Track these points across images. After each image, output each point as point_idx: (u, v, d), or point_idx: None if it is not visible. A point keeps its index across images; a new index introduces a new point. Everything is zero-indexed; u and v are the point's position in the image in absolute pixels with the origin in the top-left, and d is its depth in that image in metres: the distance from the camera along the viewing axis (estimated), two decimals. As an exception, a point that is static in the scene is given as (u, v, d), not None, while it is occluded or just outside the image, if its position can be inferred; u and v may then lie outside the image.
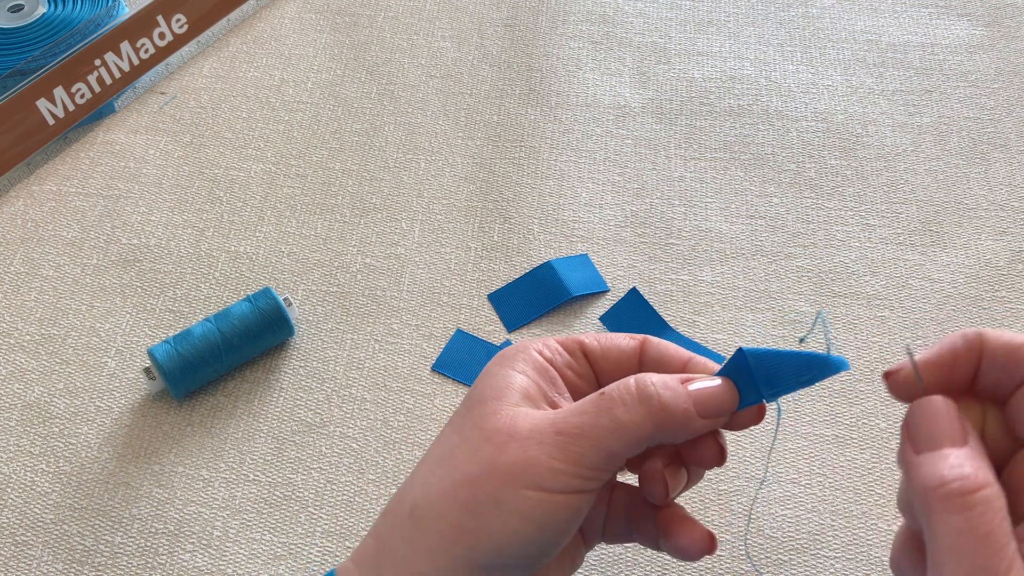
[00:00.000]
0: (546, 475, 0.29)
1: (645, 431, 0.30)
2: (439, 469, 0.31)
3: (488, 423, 0.31)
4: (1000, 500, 0.26)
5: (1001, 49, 0.69)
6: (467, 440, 0.31)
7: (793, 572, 0.45)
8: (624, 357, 0.34)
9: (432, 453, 0.33)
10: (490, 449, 0.30)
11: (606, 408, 0.30)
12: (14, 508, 0.48)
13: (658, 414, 0.30)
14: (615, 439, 0.30)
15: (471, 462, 0.30)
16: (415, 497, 0.31)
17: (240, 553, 0.46)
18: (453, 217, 0.60)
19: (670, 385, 0.30)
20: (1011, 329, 0.54)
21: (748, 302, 0.55)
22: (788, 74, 0.68)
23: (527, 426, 0.30)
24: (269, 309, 0.52)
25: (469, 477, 0.30)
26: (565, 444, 0.29)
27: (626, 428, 0.30)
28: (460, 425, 0.32)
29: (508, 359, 0.33)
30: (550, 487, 0.29)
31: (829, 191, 0.61)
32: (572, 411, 0.30)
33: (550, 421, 0.30)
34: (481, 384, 0.33)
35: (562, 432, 0.30)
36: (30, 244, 0.58)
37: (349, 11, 0.73)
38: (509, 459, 0.29)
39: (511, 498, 0.29)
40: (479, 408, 0.32)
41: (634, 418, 0.30)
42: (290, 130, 0.65)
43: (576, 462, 0.29)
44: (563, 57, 0.69)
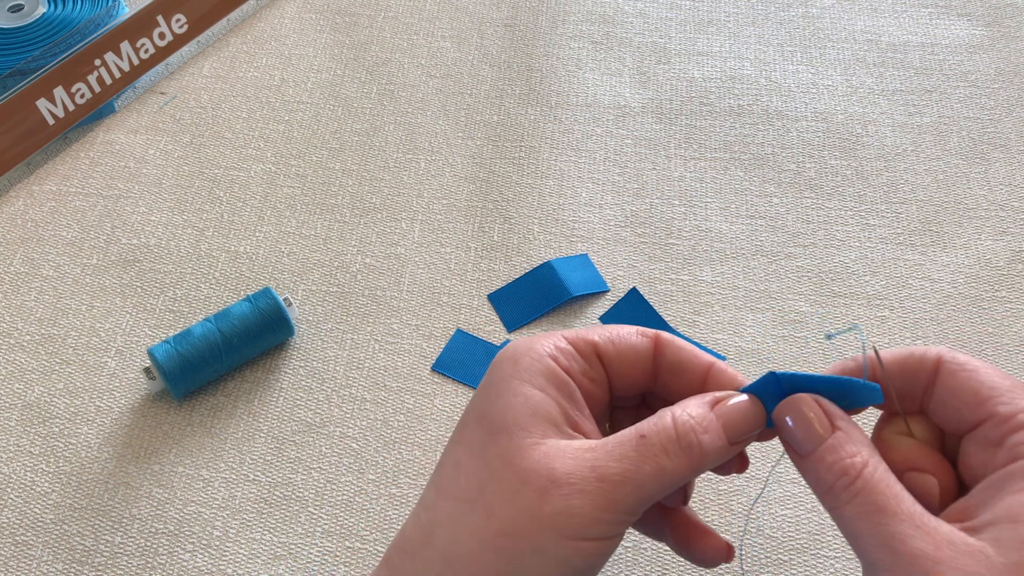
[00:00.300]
0: (589, 526, 0.29)
1: (685, 474, 0.30)
2: (472, 513, 0.30)
3: (521, 461, 0.30)
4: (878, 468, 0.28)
5: (1001, 49, 0.69)
6: (499, 479, 0.30)
7: (793, 572, 0.45)
8: (640, 359, 0.33)
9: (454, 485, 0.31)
10: (530, 496, 0.29)
11: (650, 456, 0.29)
12: (14, 508, 0.48)
13: (699, 460, 0.30)
14: (657, 486, 0.29)
15: (509, 508, 0.29)
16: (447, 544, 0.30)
17: (240, 553, 0.46)
18: (453, 217, 0.60)
19: (707, 426, 0.30)
20: (1011, 329, 0.54)
21: (748, 302, 0.55)
22: (788, 74, 0.68)
23: (565, 469, 0.29)
24: (269, 309, 0.52)
25: (508, 527, 0.29)
26: (608, 492, 0.29)
27: (669, 475, 0.29)
28: (485, 455, 0.31)
29: (524, 370, 0.32)
30: (591, 535, 0.29)
31: (829, 191, 0.61)
32: (611, 454, 0.30)
33: (589, 466, 0.29)
34: (497, 404, 0.31)
35: (604, 479, 0.29)
36: (30, 244, 0.58)
37: (349, 11, 0.73)
38: (552, 508, 0.29)
39: (553, 548, 0.29)
40: (505, 440, 0.30)
41: (677, 466, 0.29)
42: (290, 130, 0.65)
43: (618, 510, 0.29)
44: (563, 57, 0.69)
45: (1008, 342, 0.53)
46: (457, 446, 0.32)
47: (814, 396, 0.30)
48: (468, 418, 0.32)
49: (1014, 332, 0.54)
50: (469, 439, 0.31)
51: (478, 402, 0.32)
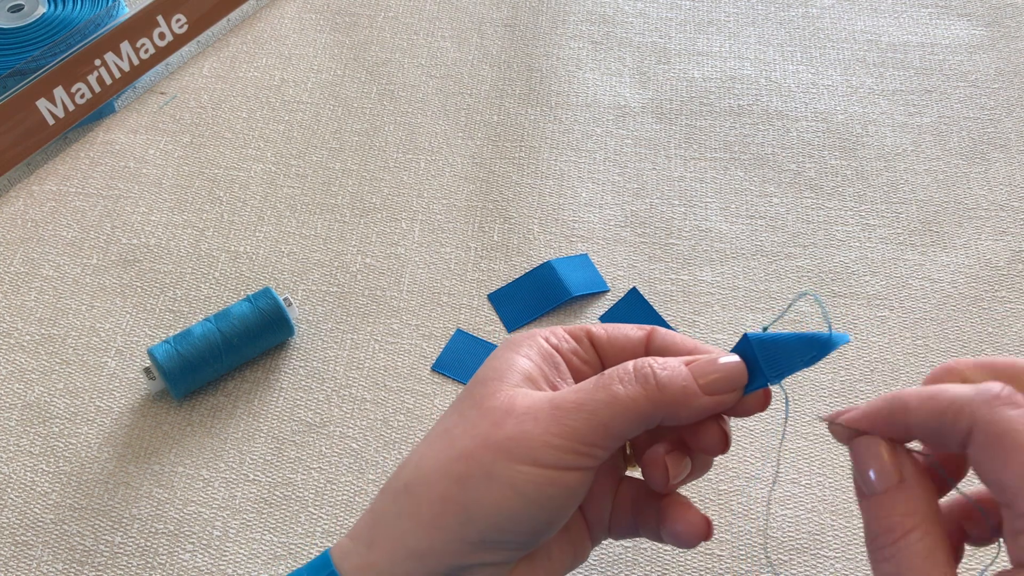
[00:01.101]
0: (540, 448, 0.29)
1: (642, 407, 0.30)
2: (436, 445, 0.32)
3: (487, 402, 0.31)
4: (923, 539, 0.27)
5: (1001, 49, 0.69)
6: (465, 418, 0.31)
7: (793, 572, 0.45)
8: (631, 345, 0.34)
9: (431, 432, 0.33)
10: (486, 425, 0.30)
11: (604, 384, 0.30)
12: (14, 508, 0.48)
13: (655, 392, 0.30)
14: (611, 413, 0.30)
15: (466, 437, 0.30)
16: (410, 472, 0.32)
17: (240, 553, 0.46)
18: (453, 217, 0.60)
19: (668, 364, 0.31)
20: (1011, 329, 0.54)
21: (748, 302, 0.55)
22: (788, 74, 0.68)
23: (525, 404, 0.30)
24: (269, 309, 0.52)
25: (464, 452, 0.30)
26: (560, 417, 0.30)
27: (622, 402, 0.30)
28: (460, 405, 0.33)
29: (514, 344, 0.34)
30: (543, 461, 0.29)
31: (829, 191, 0.61)
32: (571, 389, 0.31)
33: (547, 398, 0.30)
34: (485, 366, 0.33)
35: (558, 407, 0.30)
36: (30, 244, 0.58)
37: (349, 11, 0.73)
38: (504, 433, 0.30)
39: (503, 471, 0.29)
40: (479, 388, 0.32)
41: (631, 393, 0.30)
42: (290, 130, 0.65)
43: (571, 436, 0.29)
44: (563, 57, 0.69)
45: (1008, 342, 0.53)
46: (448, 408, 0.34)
47: (891, 441, 0.29)
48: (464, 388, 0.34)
49: (1014, 332, 0.54)
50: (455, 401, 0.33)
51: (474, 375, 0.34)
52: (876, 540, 0.28)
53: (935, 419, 0.27)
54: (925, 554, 0.27)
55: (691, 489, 0.48)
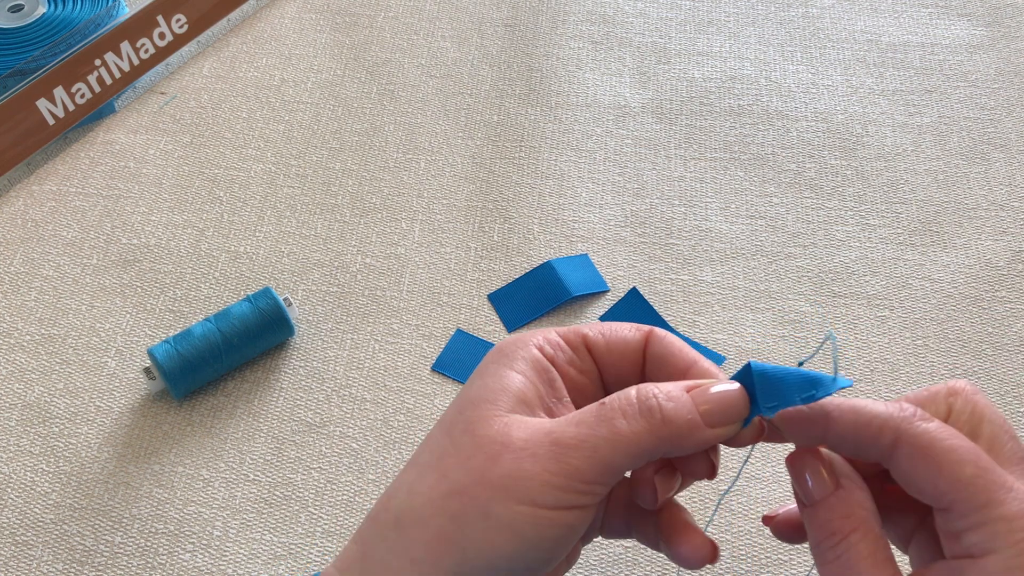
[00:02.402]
0: (539, 489, 0.28)
1: (646, 444, 0.28)
2: (427, 475, 0.30)
3: (480, 429, 0.29)
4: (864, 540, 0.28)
5: (1001, 49, 0.69)
6: (457, 446, 0.30)
7: (793, 572, 0.45)
8: (629, 350, 0.33)
9: (420, 456, 0.31)
10: (481, 458, 0.29)
11: (606, 418, 0.28)
12: (14, 508, 0.48)
13: (660, 427, 0.29)
14: (613, 451, 0.28)
15: (461, 470, 0.29)
16: (401, 504, 0.30)
17: (240, 553, 0.46)
18: (453, 217, 0.60)
19: (673, 395, 0.29)
20: (1011, 329, 0.54)
21: (748, 302, 0.55)
22: (788, 74, 0.68)
23: (522, 436, 0.29)
24: (269, 309, 0.52)
25: (458, 487, 0.29)
26: (560, 455, 0.28)
27: (626, 440, 0.28)
28: (450, 428, 0.31)
29: (506, 356, 0.32)
30: (543, 502, 0.28)
31: (829, 191, 0.61)
32: (570, 421, 0.29)
33: (546, 431, 0.29)
34: (476, 383, 0.31)
35: (558, 443, 0.28)
36: (30, 244, 0.58)
37: (349, 11, 0.73)
38: (501, 470, 0.28)
39: (501, 512, 0.28)
40: (471, 411, 0.30)
41: (635, 429, 0.28)
42: (290, 130, 0.65)
43: (571, 475, 0.28)
44: (563, 57, 0.69)
45: (1008, 342, 0.53)
46: (435, 426, 0.32)
47: (824, 452, 0.30)
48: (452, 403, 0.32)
49: (1014, 332, 0.54)
50: (444, 418, 0.32)
51: (463, 388, 0.32)
52: (820, 546, 0.29)
53: (859, 431, 0.28)
54: (867, 553, 0.28)
55: (691, 489, 0.48)
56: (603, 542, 0.46)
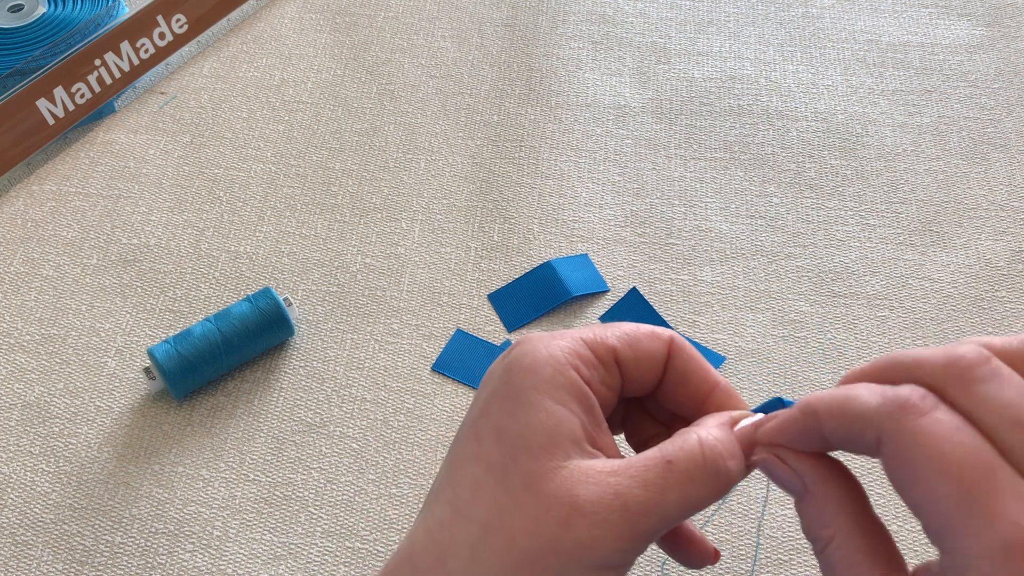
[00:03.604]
0: (611, 555, 0.28)
1: (710, 502, 0.29)
2: (492, 539, 0.29)
3: (543, 487, 0.29)
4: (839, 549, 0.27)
5: (1001, 49, 0.69)
6: (520, 505, 0.29)
7: (793, 572, 0.45)
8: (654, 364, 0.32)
9: (474, 509, 0.30)
10: (552, 525, 0.28)
11: (676, 484, 0.28)
12: (14, 508, 0.48)
13: (725, 487, 0.29)
14: (681, 513, 0.28)
15: (530, 537, 0.28)
16: (463, 569, 0.29)
17: (240, 553, 0.46)
18: (453, 217, 0.60)
19: (735, 453, 0.29)
20: (1011, 329, 0.54)
21: (748, 302, 0.55)
22: (788, 74, 0.68)
23: (588, 497, 0.28)
24: (269, 309, 0.52)
25: (529, 556, 0.28)
26: (631, 522, 0.28)
27: (694, 502, 0.29)
28: (505, 478, 0.29)
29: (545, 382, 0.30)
30: (612, 564, 0.28)
31: (829, 191, 0.61)
32: (636, 480, 0.28)
33: (613, 492, 0.28)
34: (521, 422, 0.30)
35: (628, 508, 0.28)
36: (30, 244, 0.58)
37: (349, 11, 0.73)
38: (574, 539, 0.28)
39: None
40: (527, 463, 0.29)
41: (703, 493, 0.29)
42: (290, 130, 0.65)
43: (639, 539, 0.28)
44: (563, 57, 0.69)
45: (1008, 342, 0.53)
46: (474, 463, 0.30)
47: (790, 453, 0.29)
48: (484, 432, 0.30)
49: (1014, 332, 0.54)
50: (488, 457, 0.30)
51: (495, 415, 0.30)
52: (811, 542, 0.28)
53: (844, 429, 0.26)
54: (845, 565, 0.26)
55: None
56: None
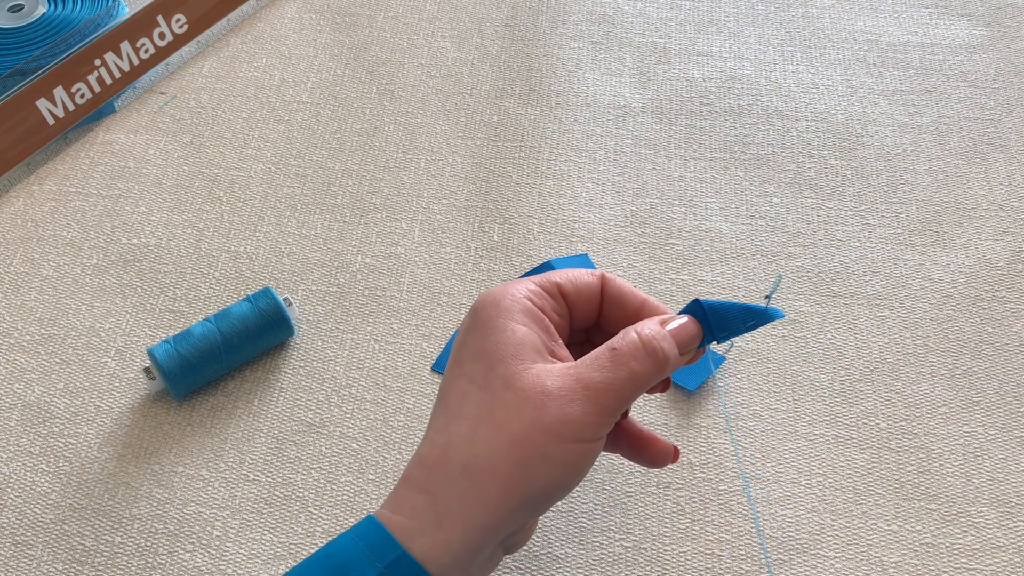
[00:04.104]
0: (584, 428, 0.34)
1: (652, 379, 0.35)
2: (483, 428, 0.34)
3: (518, 383, 0.35)
4: None
5: (1001, 49, 0.69)
6: (503, 400, 0.34)
7: (793, 572, 0.45)
8: (592, 294, 0.39)
9: (465, 410, 0.35)
10: (530, 409, 0.34)
11: (623, 363, 0.35)
12: (14, 508, 0.48)
13: (663, 363, 0.35)
14: (632, 388, 0.35)
15: (515, 421, 0.34)
16: (465, 454, 0.34)
17: (240, 553, 0.46)
18: (453, 217, 0.60)
19: (665, 336, 0.36)
20: (1011, 329, 0.54)
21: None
22: (788, 74, 0.68)
23: (556, 384, 0.34)
24: (269, 309, 0.52)
25: (518, 436, 0.34)
26: (594, 398, 0.34)
27: (640, 378, 0.35)
28: (487, 383, 0.35)
29: (506, 310, 0.36)
30: (586, 437, 0.34)
31: (829, 191, 0.61)
32: (591, 366, 0.35)
33: (574, 377, 0.35)
34: (492, 340, 0.36)
35: (589, 387, 0.34)
36: (30, 244, 0.58)
37: (349, 11, 0.73)
38: (551, 417, 0.34)
39: (557, 451, 0.34)
40: (503, 368, 0.35)
41: (646, 368, 0.35)
42: (290, 130, 0.65)
43: (604, 413, 0.34)
44: (563, 57, 0.69)
45: (1008, 342, 0.53)
46: (459, 378, 0.36)
47: None
48: (463, 354, 0.37)
49: (1014, 332, 0.54)
50: (470, 372, 0.36)
51: (470, 340, 0.37)
52: None
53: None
54: None
55: (691, 489, 0.48)
56: (604, 542, 0.46)
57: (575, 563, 0.46)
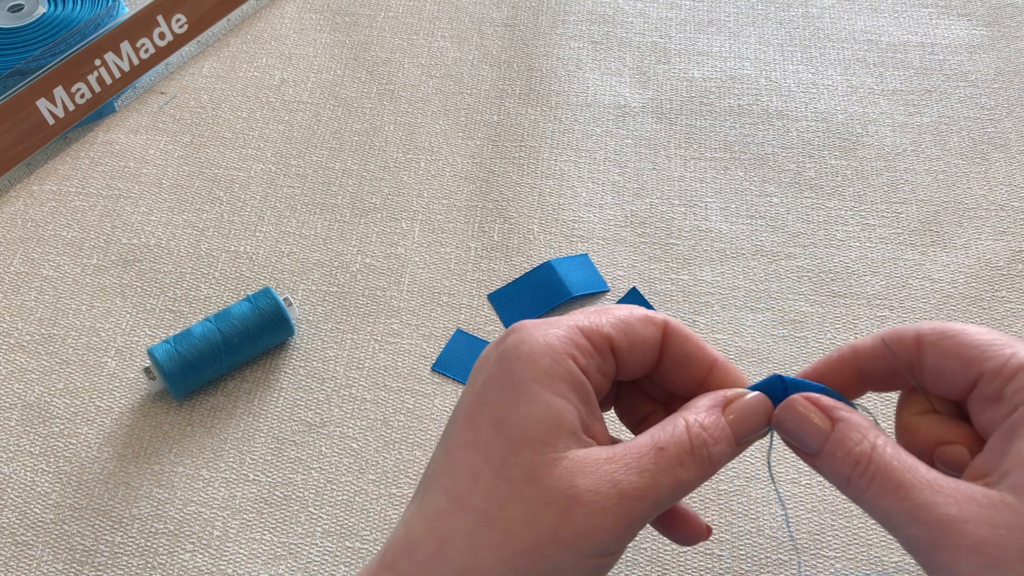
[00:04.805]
0: (608, 543, 0.29)
1: (697, 484, 0.30)
2: (491, 530, 0.29)
3: (543, 479, 0.29)
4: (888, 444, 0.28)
5: (1001, 49, 0.69)
6: (521, 497, 0.29)
7: (793, 572, 0.45)
8: (649, 350, 0.33)
9: (473, 498, 0.30)
10: (552, 516, 0.29)
11: (667, 469, 0.29)
12: (14, 508, 0.48)
13: (710, 469, 0.30)
14: (672, 497, 0.30)
15: (530, 529, 0.29)
16: (463, 560, 0.29)
17: (240, 553, 0.46)
18: (453, 217, 0.60)
19: (718, 436, 0.30)
20: (1011, 329, 0.54)
21: (748, 302, 0.55)
22: (788, 74, 0.68)
23: (588, 487, 0.29)
24: (269, 309, 0.52)
25: (529, 548, 0.29)
26: (628, 509, 0.29)
27: (684, 486, 0.30)
28: (505, 469, 0.29)
29: (543, 373, 0.30)
30: (609, 551, 0.29)
31: (829, 191, 0.61)
32: (631, 467, 0.29)
33: (610, 480, 0.29)
34: (520, 413, 0.30)
35: (624, 496, 0.29)
36: (30, 244, 0.58)
37: (349, 11, 0.73)
38: (573, 530, 0.28)
39: (571, 565, 0.29)
40: (528, 455, 0.29)
41: (691, 476, 0.30)
42: (290, 130, 0.65)
43: (634, 524, 0.29)
44: (563, 57, 0.69)
45: (1008, 342, 0.53)
46: (471, 452, 0.30)
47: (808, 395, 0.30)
48: (481, 420, 0.31)
49: (1014, 332, 0.54)
50: (486, 447, 0.30)
51: (492, 404, 0.31)
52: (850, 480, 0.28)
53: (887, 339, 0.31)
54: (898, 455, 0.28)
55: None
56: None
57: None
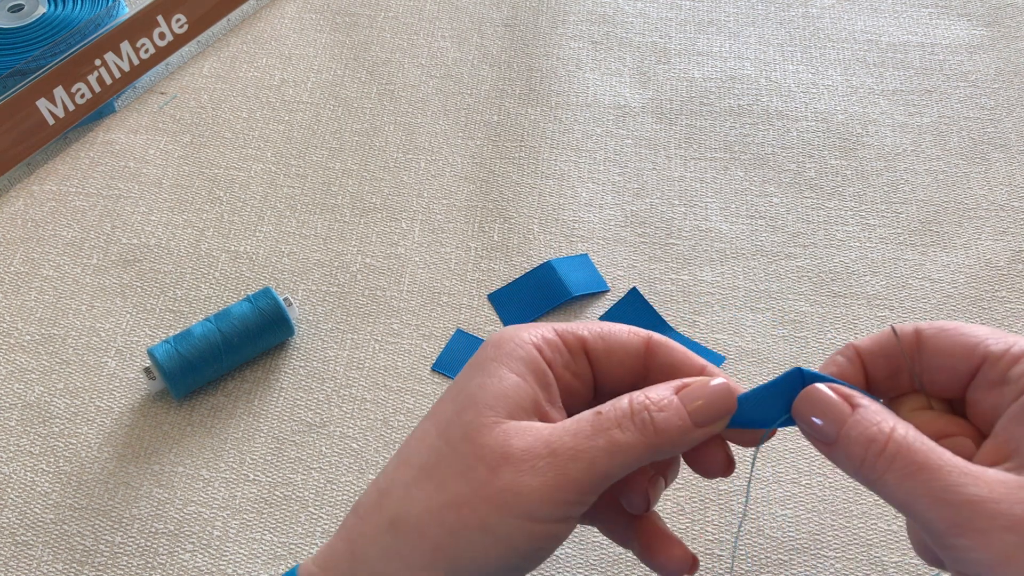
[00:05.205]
0: (537, 503, 0.28)
1: (640, 452, 0.29)
2: (424, 482, 0.30)
3: (479, 437, 0.29)
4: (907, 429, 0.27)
5: (1001, 49, 0.69)
6: (456, 453, 0.30)
7: (793, 572, 0.45)
8: (628, 358, 0.32)
9: (413, 455, 0.31)
10: (482, 470, 0.29)
11: (603, 429, 0.29)
12: (14, 508, 0.48)
13: (653, 437, 0.29)
14: (610, 461, 0.29)
15: (461, 481, 0.29)
16: (396, 508, 0.30)
17: (240, 553, 0.46)
18: (453, 217, 0.60)
19: (663, 404, 0.29)
20: (1011, 329, 0.54)
21: (748, 302, 0.55)
22: (788, 74, 0.68)
23: (521, 446, 0.29)
24: (269, 309, 0.52)
25: (457, 499, 0.29)
26: (559, 467, 0.28)
27: (622, 450, 0.29)
28: (447, 429, 0.31)
29: (505, 353, 0.31)
30: (539, 516, 0.28)
31: (829, 191, 0.61)
32: (567, 430, 0.29)
33: (544, 441, 0.29)
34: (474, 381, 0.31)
35: (556, 453, 0.28)
36: (30, 244, 0.58)
37: (349, 11, 0.73)
38: (501, 484, 0.28)
39: (498, 525, 0.28)
40: (470, 414, 0.30)
41: (630, 440, 0.29)
42: (290, 130, 0.65)
43: (569, 488, 0.28)
44: (563, 57, 0.69)
45: (1008, 342, 0.53)
46: (427, 419, 0.32)
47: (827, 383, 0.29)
48: (446, 395, 0.32)
49: (1014, 332, 0.54)
50: (439, 412, 0.31)
51: (458, 380, 0.32)
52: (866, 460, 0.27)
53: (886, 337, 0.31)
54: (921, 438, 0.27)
55: (691, 489, 0.48)
56: (604, 542, 0.46)
57: (575, 563, 0.46)
